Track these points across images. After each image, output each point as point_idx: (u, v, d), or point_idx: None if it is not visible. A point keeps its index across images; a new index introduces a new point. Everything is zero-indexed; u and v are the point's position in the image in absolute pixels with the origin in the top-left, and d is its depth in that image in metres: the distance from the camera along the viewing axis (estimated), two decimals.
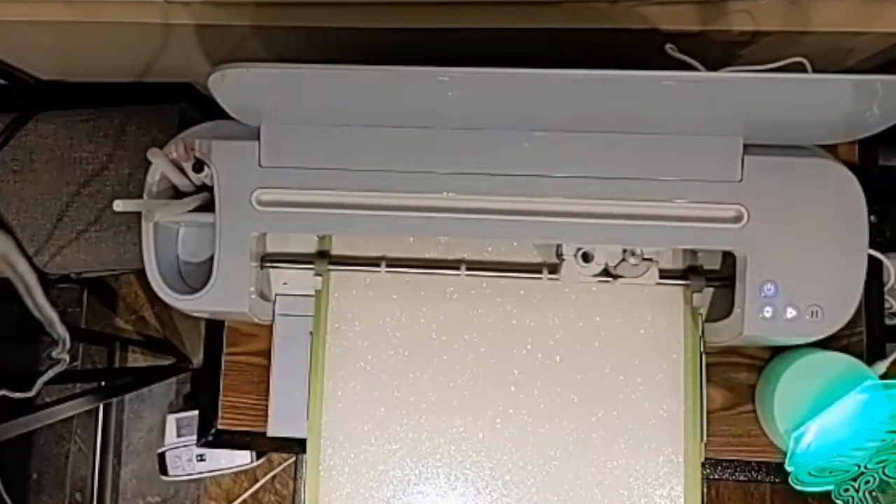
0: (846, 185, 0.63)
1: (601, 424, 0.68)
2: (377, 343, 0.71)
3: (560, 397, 0.69)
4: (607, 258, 0.66)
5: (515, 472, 0.68)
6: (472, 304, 0.70)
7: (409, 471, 0.69)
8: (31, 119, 0.93)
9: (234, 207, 0.65)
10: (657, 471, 0.67)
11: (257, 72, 0.57)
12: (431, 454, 0.69)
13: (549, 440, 0.68)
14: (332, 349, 0.71)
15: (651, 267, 0.66)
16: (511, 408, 0.69)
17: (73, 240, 0.92)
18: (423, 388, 0.70)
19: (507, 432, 0.69)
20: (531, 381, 0.69)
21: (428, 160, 0.64)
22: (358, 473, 0.69)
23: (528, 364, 0.69)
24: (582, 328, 0.70)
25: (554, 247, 0.68)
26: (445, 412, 0.69)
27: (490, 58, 0.55)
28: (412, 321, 0.71)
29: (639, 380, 0.69)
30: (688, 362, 0.69)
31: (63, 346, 0.85)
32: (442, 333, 0.70)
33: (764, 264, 0.63)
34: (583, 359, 0.69)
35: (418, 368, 0.70)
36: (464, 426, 0.69)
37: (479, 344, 0.70)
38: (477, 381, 0.70)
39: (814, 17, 0.68)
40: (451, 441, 0.69)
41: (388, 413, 0.70)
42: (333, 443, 0.70)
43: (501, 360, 0.70)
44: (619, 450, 0.68)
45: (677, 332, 0.69)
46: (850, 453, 0.63)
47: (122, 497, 1.44)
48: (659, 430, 0.68)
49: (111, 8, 0.74)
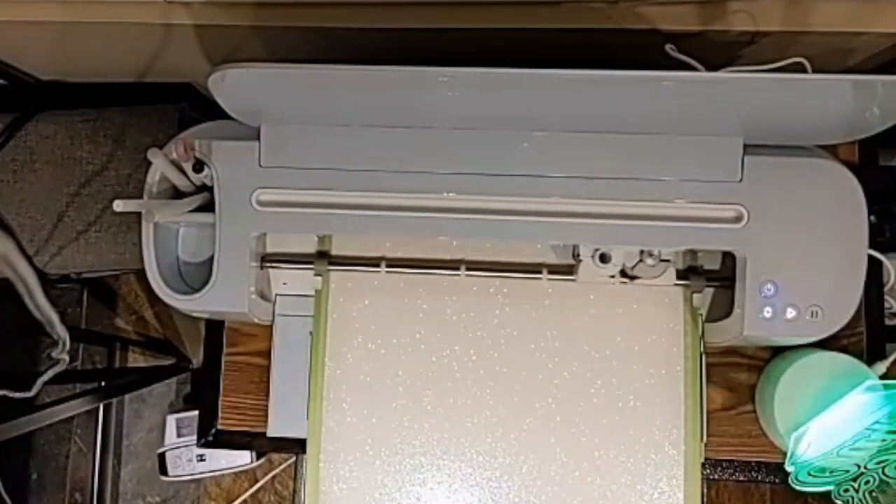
0: (846, 185, 0.63)
1: (601, 424, 0.68)
2: (377, 343, 0.71)
3: (560, 397, 0.69)
4: (624, 259, 0.66)
5: (515, 471, 0.68)
6: (471, 304, 0.70)
7: (409, 470, 0.69)
8: (31, 119, 0.93)
9: (234, 207, 0.65)
10: (657, 471, 0.67)
11: (257, 72, 0.57)
12: (431, 453, 0.69)
13: (548, 440, 0.68)
14: (331, 349, 0.71)
15: (668, 268, 0.67)
16: (511, 407, 0.69)
17: (73, 240, 0.92)
18: (422, 388, 0.70)
19: (507, 432, 0.69)
20: (531, 380, 0.69)
21: (428, 160, 0.64)
22: (358, 473, 0.69)
23: (528, 363, 0.69)
24: (582, 328, 0.70)
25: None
26: (445, 411, 0.69)
27: (490, 58, 0.55)
28: (412, 321, 0.71)
29: (639, 379, 0.69)
30: (688, 362, 0.69)
31: (63, 347, 0.85)
32: (442, 333, 0.70)
33: (764, 264, 0.63)
34: (583, 358, 0.69)
35: (418, 368, 0.70)
36: (463, 424, 0.69)
37: (479, 343, 0.70)
38: (477, 380, 0.70)
39: (814, 17, 0.69)
40: (451, 440, 0.69)
41: (388, 413, 0.70)
42: (333, 443, 0.70)
43: (501, 359, 0.70)
44: (618, 449, 0.68)
45: (677, 332, 0.69)
46: (850, 453, 0.63)
47: (122, 497, 1.44)
48: (659, 429, 0.68)
49: (111, 8, 0.74)
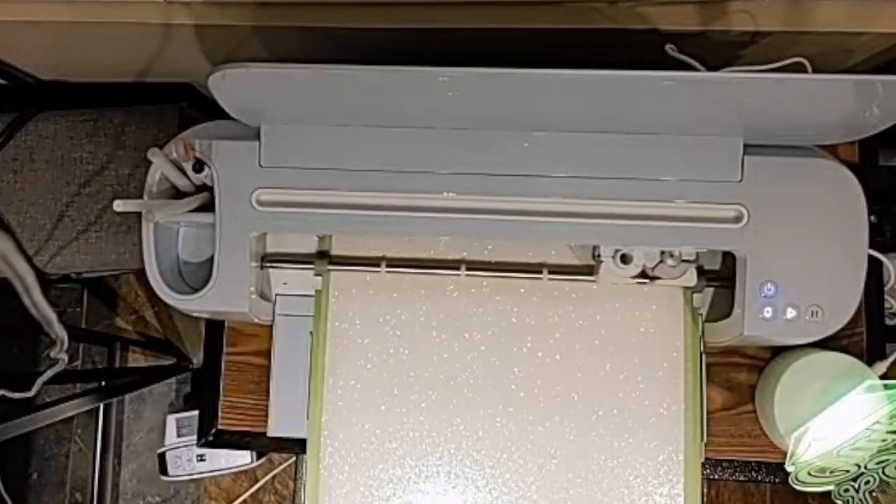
0: (846, 185, 0.63)
1: (601, 424, 0.68)
2: (377, 343, 0.71)
3: (560, 396, 0.69)
4: (645, 260, 0.66)
5: (515, 470, 0.68)
6: (471, 304, 0.70)
7: (409, 470, 0.69)
8: (31, 119, 0.93)
9: (234, 207, 0.65)
10: (657, 470, 0.67)
11: (257, 72, 0.57)
12: (431, 453, 0.69)
13: (548, 439, 0.68)
14: (331, 349, 0.71)
15: (689, 268, 0.66)
16: (511, 406, 0.69)
17: (73, 240, 0.91)
18: (422, 388, 0.70)
19: (507, 431, 0.69)
20: (531, 380, 0.69)
21: (428, 160, 0.64)
22: (358, 473, 0.69)
23: (528, 363, 0.69)
24: (582, 327, 0.70)
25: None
26: (445, 411, 0.69)
27: (490, 58, 0.55)
28: (412, 321, 0.71)
29: (639, 379, 0.69)
30: (688, 362, 0.69)
31: (61, 346, 0.85)
32: (441, 333, 0.70)
33: (764, 264, 0.63)
34: (583, 358, 0.69)
35: (418, 368, 0.70)
36: (464, 425, 0.69)
37: (479, 343, 0.70)
38: (477, 380, 0.70)
39: (814, 18, 0.69)
40: (451, 440, 0.69)
41: (388, 412, 0.70)
42: (333, 442, 0.70)
43: (501, 359, 0.70)
44: (618, 449, 0.68)
45: (677, 332, 0.69)
46: (850, 453, 0.63)
47: (122, 497, 1.44)
48: (659, 429, 0.68)
49: (111, 8, 0.74)
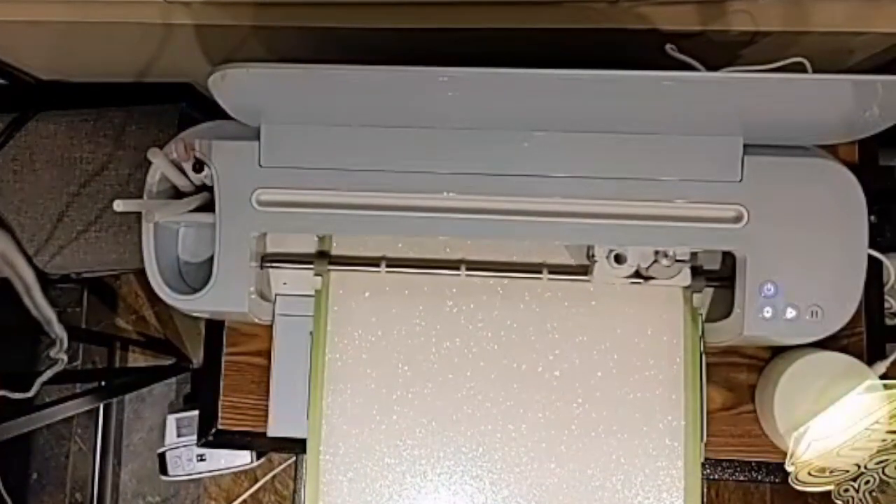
0: (846, 185, 0.63)
1: (601, 424, 0.68)
2: (377, 343, 0.71)
3: (559, 396, 0.69)
4: (639, 260, 0.66)
5: (514, 463, 0.68)
6: (471, 303, 0.70)
7: (409, 468, 0.69)
8: (31, 119, 0.93)
9: (234, 207, 0.65)
10: (657, 470, 0.67)
11: (257, 72, 0.57)
12: (431, 450, 0.69)
13: (548, 439, 0.68)
14: (331, 349, 0.71)
15: (683, 268, 0.66)
16: (510, 403, 0.69)
17: (73, 240, 0.92)
18: (422, 387, 0.70)
19: (506, 426, 0.69)
20: (531, 379, 0.69)
21: (428, 160, 0.64)
22: (358, 473, 0.69)
23: (528, 362, 0.69)
24: (582, 328, 0.69)
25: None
26: (445, 409, 0.69)
27: (490, 58, 0.55)
28: (412, 321, 0.71)
29: (639, 380, 0.69)
30: (688, 362, 0.69)
31: (61, 346, 0.85)
32: (441, 333, 0.70)
33: (764, 264, 0.63)
34: (583, 358, 0.69)
35: (418, 367, 0.70)
36: (463, 421, 0.69)
37: (479, 342, 0.70)
38: (476, 378, 0.70)
39: (814, 17, 0.69)
40: (452, 433, 0.69)
41: (388, 412, 0.70)
42: (333, 442, 0.70)
43: (501, 357, 0.70)
44: (618, 449, 0.68)
45: (677, 332, 0.69)
46: (850, 453, 0.63)
47: (122, 497, 1.44)
48: (659, 429, 0.68)
49: (111, 8, 0.74)
